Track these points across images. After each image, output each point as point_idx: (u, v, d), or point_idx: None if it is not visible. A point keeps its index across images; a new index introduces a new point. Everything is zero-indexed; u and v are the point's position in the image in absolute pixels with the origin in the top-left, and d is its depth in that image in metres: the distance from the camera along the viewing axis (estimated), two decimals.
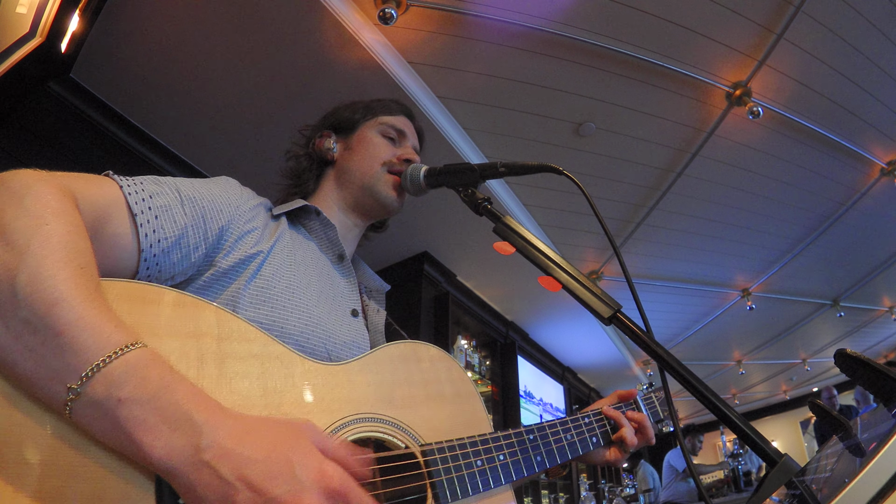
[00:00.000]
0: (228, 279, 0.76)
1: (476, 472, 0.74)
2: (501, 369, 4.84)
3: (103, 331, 0.49)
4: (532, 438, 0.84)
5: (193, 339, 0.60)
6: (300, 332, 0.76)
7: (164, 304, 0.60)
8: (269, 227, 0.86)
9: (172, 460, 0.46)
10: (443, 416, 0.80)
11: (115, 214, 0.66)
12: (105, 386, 0.47)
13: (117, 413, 0.46)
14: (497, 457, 0.77)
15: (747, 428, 0.60)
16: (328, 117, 1.11)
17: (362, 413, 0.70)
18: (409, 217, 3.41)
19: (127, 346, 0.49)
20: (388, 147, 1.03)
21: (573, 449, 0.90)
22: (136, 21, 2.17)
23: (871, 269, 4.97)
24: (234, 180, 0.89)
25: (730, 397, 8.59)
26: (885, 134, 3.29)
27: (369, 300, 1.04)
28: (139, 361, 0.49)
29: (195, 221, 0.74)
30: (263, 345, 0.66)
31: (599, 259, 4.30)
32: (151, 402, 0.47)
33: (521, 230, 0.82)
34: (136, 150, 2.71)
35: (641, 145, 3.19)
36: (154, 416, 0.47)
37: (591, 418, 0.97)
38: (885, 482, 0.47)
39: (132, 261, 0.68)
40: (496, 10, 2.32)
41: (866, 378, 0.72)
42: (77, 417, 0.47)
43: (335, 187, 1.03)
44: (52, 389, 0.47)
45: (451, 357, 0.89)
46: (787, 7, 2.43)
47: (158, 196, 0.71)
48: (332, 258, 0.95)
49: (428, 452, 0.72)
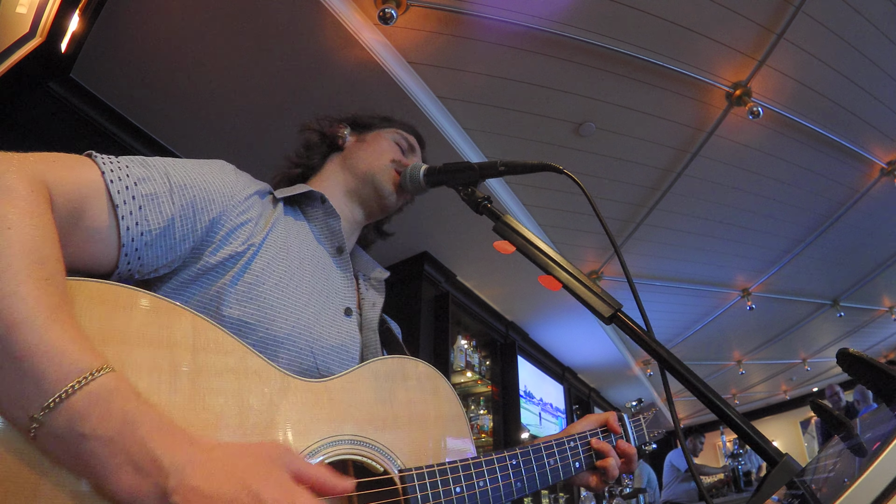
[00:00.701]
0: (216, 274, 0.72)
1: (454, 498, 0.72)
2: (501, 369, 4.84)
3: (66, 356, 0.46)
4: (514, 464, 0.82)
5: (167, 350, 0.57)
6: (286, 335, 0.74)
7: (138, 308, 0.56)
8: (263, 216, 0.82)
9: (139, 502, 0.45)
10: (424, 438, 0.79)
11: (93, 204, 0.61)
12: (67, 419, 0.45)
13: (80, 448, 0.45)
14: (477, 483, 0.76)
15: (748, 428, 0.59)
16: (348, 117, 1.13)
17: (341, 435, 0.69)
18: (409, 217, 3.38)
19: (91, 374, 0.46)
20: (397, 151, 1.05)
21: (555, 474, 0.88)
22: (136, 21, 2.17)
23: (871, 269, 4.97)
24: (230, 165, 0.84)
25: (730, 397, 8.59)
26: (885, 134, 3.29)
27: (367, 290, 1.01)
28: (101, 392, 0.46)
29: (184, 212, 0.69)
30: (240, 358, 0.63)
31: (599, 259, 4.29)
32: (114, 439, 0.45)
33: (520, 229, 0.82)
34: (135, 150, 2.71)
35: (641, 145, 3.19)
36: (118, 455, 0.45)
37: (576, 442, 0.95)
38: (888, 483, 0.47)
39: (111, 255, 0.64)
40: (496, 10, 2.32)
41: (868, 378, 0.72)
42: (41, 445, 0.46)
43: (338, 170, 1.02)
44: (14, 415, 0.46)
45: (440, 375, 0.87)
46: (787, 7, 2.43)
47: (144, 182, 0.66)
48: (331, 250, 0.92)
49: (406, 478, 0.70)
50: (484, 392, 4.71)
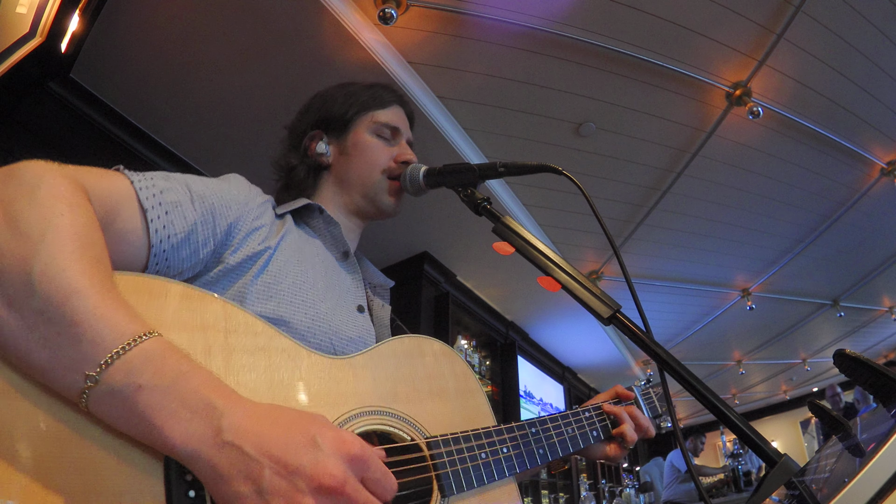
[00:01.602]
0: (236, 275, 0.77)
1: (480, 464, 0.75)
2: (501, 369, 4.85)
3: (119, 321, 0.50)
4: (535, 431, 0.85)
5: (200, 332, 0.60)
6: (307, 328, 0.77)
7: (171, 296, 0.60)
8: (275, 223, 0.87)
9: (194, 443, 0.47)
10: (446, 410, 0.80)
11: (125, 209, 0.66)
12: (124, 373, 0.48)
13: (136, 399, 0.47)
14: (501, 449, 0.78)
15: (746, 428, 0.60)
16: (316, 110, 1.06)
17: (368, 406, 0.71)
18: (409, 217, 3.41)
19: (143, 335, 0.50)
20: (384, 150, 1.01)
21: (574, 442, 0.90)
22: (136, 21, 2.17)
23: (871, 269, 4.97)
24: (242, 178, 0.89)
25: (730, 397, 8.59)
26: (885, 134, 3.29)
27: (374, 296, 1.04)
28: (156, 350, 0.50)
29: (204, 218, 0.74)
30: (270, 338, 0.66)
31: (599, 259, 4.30)
32: (170, 388, 0.48)
33: (520, 230, 0.82)
34: (136, 150, 2.71)
35: (641, 145, 3.19)
36: (173, 401, 0.48)
37: (591, 412, 0.98)
38: (884, 482, 0.47)
39: (142, 255, 0.68)
40: (496, 10, 2.32)
41: (865, 378, 0.72)
42: (93, 406, 0.48)
43: (335, 192, 1.02)
44: (68, 379, 0.48)
45: (455, 352, 0.89)
46: (787, 7, 2.43)
47: (169, 192, 0.72)
48: (337, 255, 0.96)
49: (433, 445, 0.72)
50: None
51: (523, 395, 4.89)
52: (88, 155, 2.51)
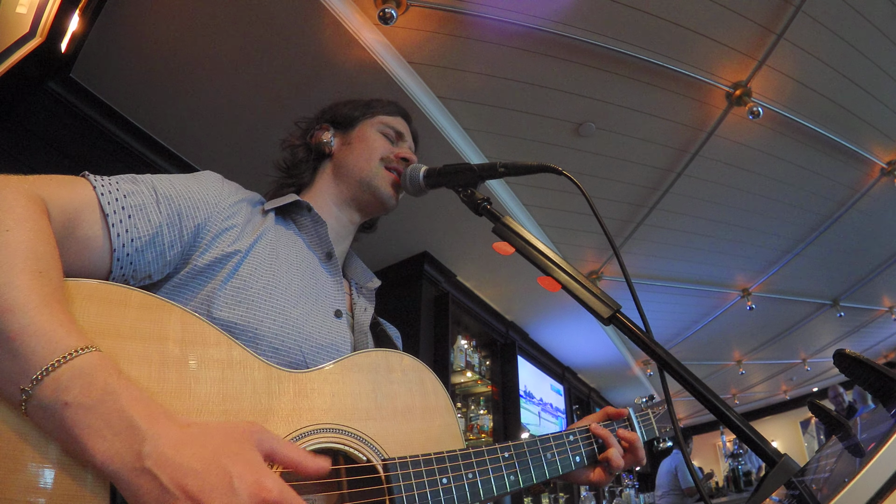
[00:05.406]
0: (205, 278, 0.76)
1: (440, 489, 0.70)
2: (501, 369, 4.84)
3: (54, 336, 0.50)
4: (507, 456, 0.79)
5: (156, 343, 0.60)
6: (274, 335, 0.75)
7: (131, 305, 0.60)
8: (251, 223, 0.85)
9: (115, 464, 0.47)
10: (410, 430, 0.77)
11: (86, 216, 0.67)
12: (52, 389, 0.48)
13: (63, 415, 0.48)
14: (465, 475, 0.73)
15: (746, 428, 0.60)
16: (327, 112, 1.10)
17: (323, 423, 0.68)
18: (409, 217, 3.41)
19: (77, 351, 0.50)
20: (386, 144, 1.04)
21: (552, 469, 0.85)
22: (136, 21, 2.17)
23: (871, 269, 4.97)
24: (216, 175, 0.87)
25: (730, 397, 8.59)
26: (885, 134, 3.29)
27: (359, 297, 1.02)
28: (87, 366, 0.50)
29: (171, 220, 0.74)
30: (226, 349, 0.65)
31: (599, 259, 4.30)
32: (95, 406, 0.49)
33: (520, 230, 0.82)
34: (136, 150, 2.71)
35: (641, 145, 3.19)
36: (97, 420, 0.48)
37: (576, 436, 0.92)
38: (884, 482, 0.47)
39: (105, 260, 0.68)
40: (496, 10, 2.32)
41: (865, 378, 0.72)
42: (31, 417, 0.50)
43: (332, 182, 1.02)
44: (7, 390, 0.50)
45: (426, 368, 0.86)
46: (787, 7, 2.43)
47: (133, 195, 0.72)
48: (321, 256, 0.94)
49: (390, 467, 0.69)
50: (484, 392, 4.71)
51: (523, 395, 4.89)
52: (88, 155, 2.51)
